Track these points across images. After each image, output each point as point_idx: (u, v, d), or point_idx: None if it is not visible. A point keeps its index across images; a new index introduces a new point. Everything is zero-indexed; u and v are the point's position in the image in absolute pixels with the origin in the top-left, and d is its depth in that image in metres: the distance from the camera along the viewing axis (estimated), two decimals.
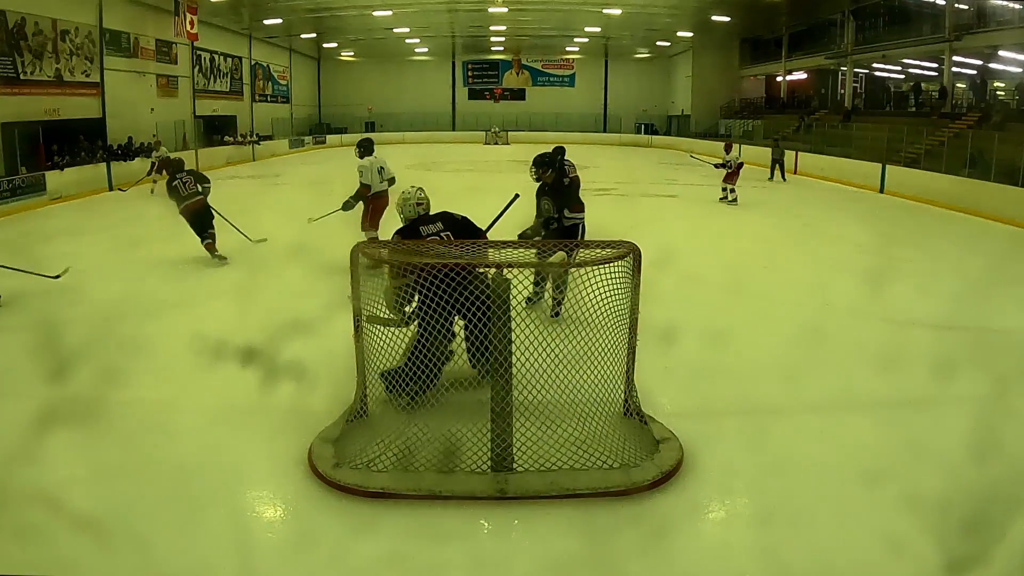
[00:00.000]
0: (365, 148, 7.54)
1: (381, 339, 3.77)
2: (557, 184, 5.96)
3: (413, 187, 4.61)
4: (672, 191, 15.62)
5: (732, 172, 12.97)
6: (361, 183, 7.40)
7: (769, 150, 18.73)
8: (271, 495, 3.48)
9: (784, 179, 17.76)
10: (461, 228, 4.41)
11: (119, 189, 15.06)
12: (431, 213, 4.51)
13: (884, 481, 3.45)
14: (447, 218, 4.48)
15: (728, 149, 13.45)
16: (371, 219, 7.55)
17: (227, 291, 6.53)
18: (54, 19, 16.19)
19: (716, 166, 13.43)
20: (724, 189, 13.09)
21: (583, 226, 5.95)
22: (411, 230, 4.40)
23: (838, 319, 6.20)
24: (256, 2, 23.85)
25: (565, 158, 6.36)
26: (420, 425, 3.59)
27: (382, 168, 7.56)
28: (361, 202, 7.52)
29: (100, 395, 4.23)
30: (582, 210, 6.00)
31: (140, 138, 18.66)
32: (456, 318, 3.84)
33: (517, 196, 5.23)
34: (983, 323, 6.00)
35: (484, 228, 4.68)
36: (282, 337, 5.05)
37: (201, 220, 7.79)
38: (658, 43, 32.27)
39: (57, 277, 6.44)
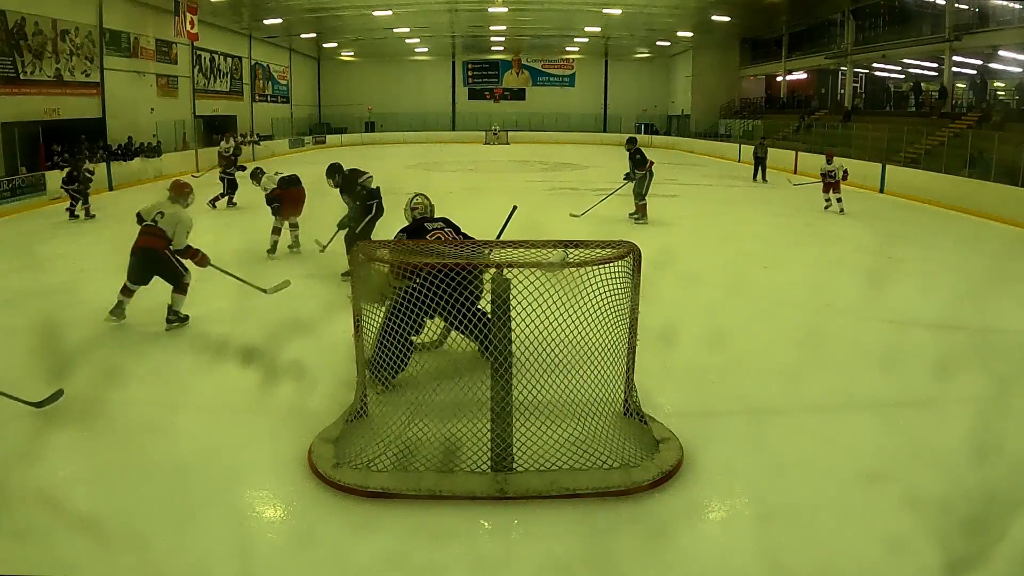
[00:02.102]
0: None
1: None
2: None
3: (415, 193, 5.00)
4: (672, 191, 15.62)
5: (835, 182, 12.54)
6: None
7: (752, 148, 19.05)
8: (271, 495, 3.48)
9: (765, 180, 17.86)
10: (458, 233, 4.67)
11: (192, 175, 14.96)
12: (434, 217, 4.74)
13: (884, 481, 3.45)
14: (448, 221, 4.78)
15: (830, 159, 12.75)
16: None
17: (227, 291, 6.52)
18: (54, 19, 16.19)
19: (823, 174, 12.72)
20: (827, 199, 12.70)
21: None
22: (415, 230, 4.69)
23: (838, 319, 6.20)
24: (256, 2, 23.84)
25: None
26: (420, 425, 3.59)
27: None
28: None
29: (100, 395, 4.24)
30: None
31: (140, 138, 18.66)
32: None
33: (516, 208, 5.28)
34: (983, 323, 6.00)
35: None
36: (282, 337, 5.06)
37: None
38: (658, 43, 32.27)
39: (269, 292, 6.04)
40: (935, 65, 21.94)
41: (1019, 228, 11.38)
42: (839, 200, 12.62)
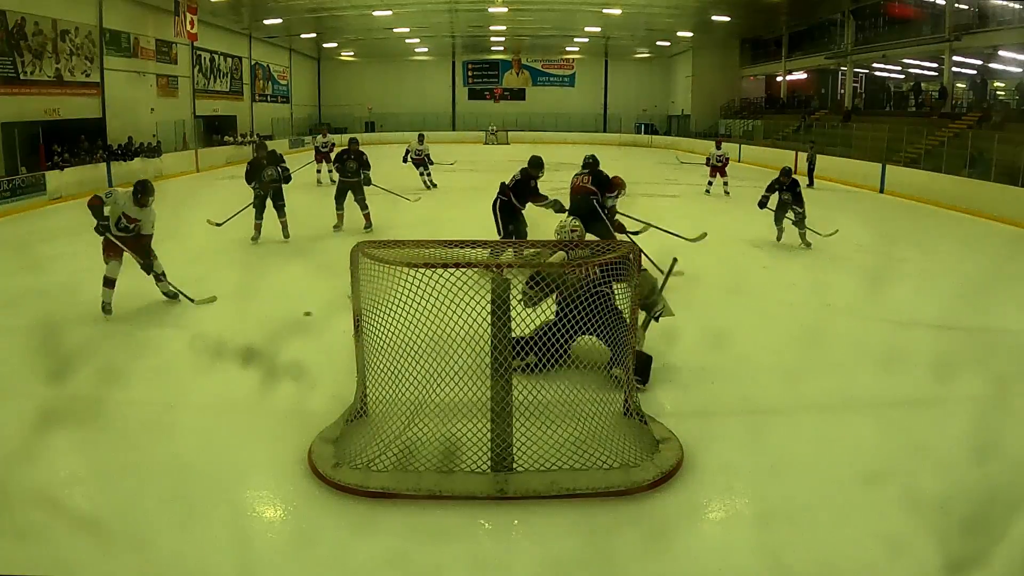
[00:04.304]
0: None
1: (381, 339, 3.77)
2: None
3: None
4: (673, 191, 15.61)
5: (721, 166, 14.63)
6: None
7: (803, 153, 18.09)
8: (271, 495, 3.48)
9: (812, 185, 16.72)
10: None
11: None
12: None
13: (884, 481, 3.45)
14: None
15: (719, 145, 15.09)
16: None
17: (227, 291, 6.53)
18: (54, 19, 16.18)
19: (709, 159, 15.00)
20: (711, 182, 14.78)
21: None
22: None
23: (838, 319, 6.19)
24: (256, 2, 23.82)
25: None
26: (420, 425, 3.59)
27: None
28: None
29: (100, 395, 4.23)
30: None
31: (140, 138, 18.66)
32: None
33: (675, 261, 5.11)
34: (983, 323, 6.01)
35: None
36: (282, 337, 5.05)
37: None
38: (658, 43, 32.24)
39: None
40: (935, 65, 21.92)
41: (1019, 228, 11.38)
42: (725, 184, 14.58)
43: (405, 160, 15.13)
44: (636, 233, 7.57)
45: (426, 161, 15.18)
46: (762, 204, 9.13)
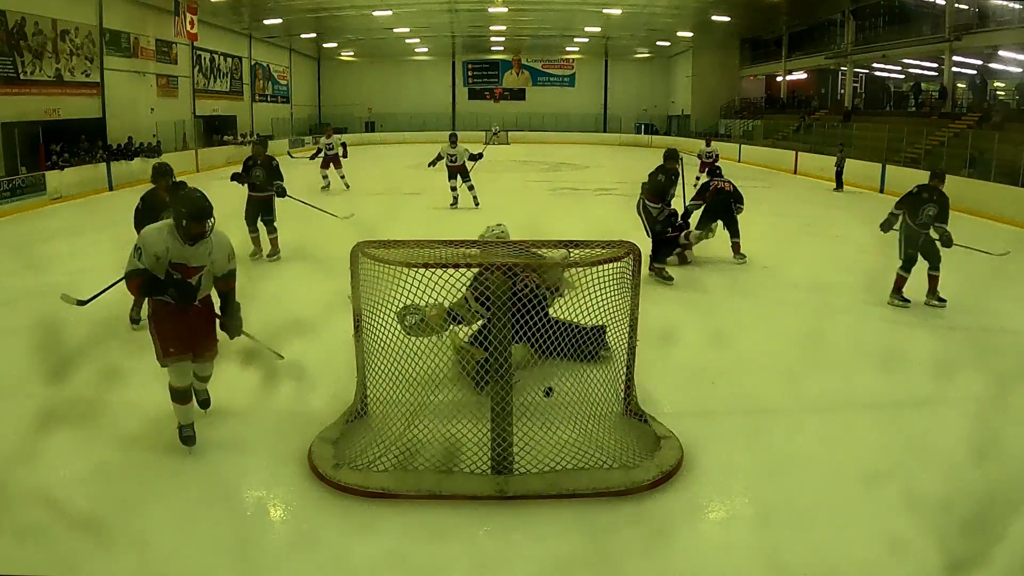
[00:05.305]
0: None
1: (381, 339, 3.77)
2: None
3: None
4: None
5: (711, 163, 14.30)
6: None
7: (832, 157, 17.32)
8: (271, 495, 3.48)
9: (841, 189, 16.31)
10: None
11: (288, 154, 14.53)
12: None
13: (884, 481, 3.45)
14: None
15: (708, 143, 15.54)
16: None
17: None
18: (54, 19, 16.19)
19: (700, 156, 15.16)
20: (698, 179, 14.77)
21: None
22: None
23: (838, 319, 6.19)
24: (256, 2, 23.84)
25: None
26: (420, 426, 3.59)
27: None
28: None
29: (100, 395, 4.23)
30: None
31: (140, 138, 18.66)
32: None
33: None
34: (983, 323, 6.01)
35: None
36: (282, 337, 5.05)
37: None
38: (658, 43, 32.25)
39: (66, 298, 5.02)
40: (935, 65, 21.94)
41: (1019, 228, 11.38)
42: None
43: (433, 164, 12.24)
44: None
45: (464, 169, 11.94)
46: (887, 226, 6.73)
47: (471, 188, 11.94)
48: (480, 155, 12.37)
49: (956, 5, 19.18)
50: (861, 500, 3.32)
